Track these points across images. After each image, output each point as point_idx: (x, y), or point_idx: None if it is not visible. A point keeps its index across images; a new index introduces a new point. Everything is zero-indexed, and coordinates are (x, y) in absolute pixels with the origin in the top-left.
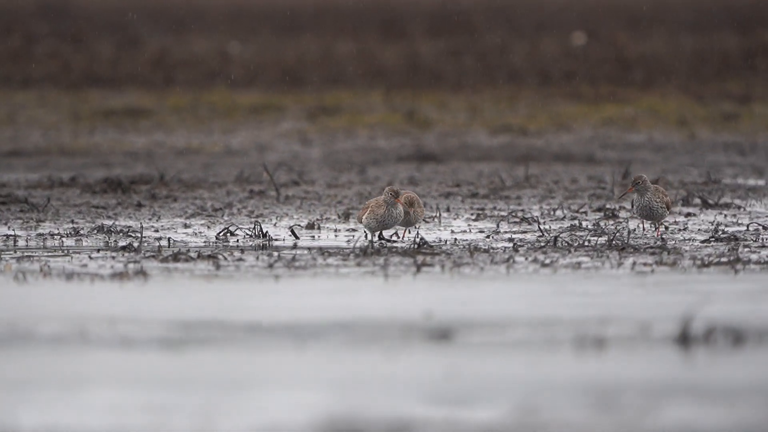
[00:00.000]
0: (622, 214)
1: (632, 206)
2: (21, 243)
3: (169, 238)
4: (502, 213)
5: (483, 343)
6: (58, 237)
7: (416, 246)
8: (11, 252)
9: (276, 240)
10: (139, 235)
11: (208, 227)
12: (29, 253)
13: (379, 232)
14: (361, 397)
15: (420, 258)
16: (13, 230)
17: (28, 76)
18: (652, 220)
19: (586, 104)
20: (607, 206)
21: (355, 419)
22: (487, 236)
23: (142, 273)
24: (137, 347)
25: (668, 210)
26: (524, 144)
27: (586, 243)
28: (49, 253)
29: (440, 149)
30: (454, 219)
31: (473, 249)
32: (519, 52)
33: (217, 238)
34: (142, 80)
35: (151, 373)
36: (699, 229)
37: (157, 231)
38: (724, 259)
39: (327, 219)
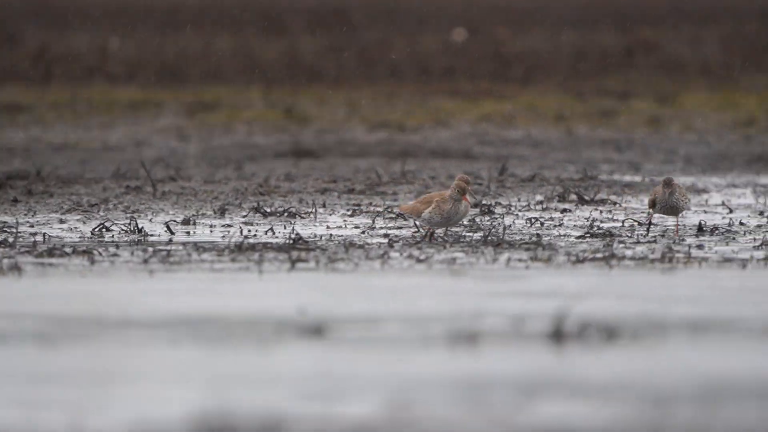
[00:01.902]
0: (498, 209)
1: (653, 206)
2: None
3: (44, 234)
4: (378, 209)
5: (356, 339)
6: None
7: (291, 241)
8: None
9: (152, 235)
10: (14, 230)
11: (84, 223)
12: None
13: (437, 228)
14: (234, 393)
15: (295, 254)
16: None
17: None
18: (675, 215)
19: (465, 100)
20: (483, 201)
21: (228, 414)
22: (363, 232)
23: (16, 268)
24: (10, 342)
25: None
26: (402, 140)
27: (462, 239)
28: None
29: (318, 145)
30: (330, 215)
31: (348, 245)
32: (398, 49)
33: (92, 234)
34: (21, 76)
35: (23, 368)
36: (575, 225)
37: (32, 226)
38: (599, 255)
39: (203, 215)
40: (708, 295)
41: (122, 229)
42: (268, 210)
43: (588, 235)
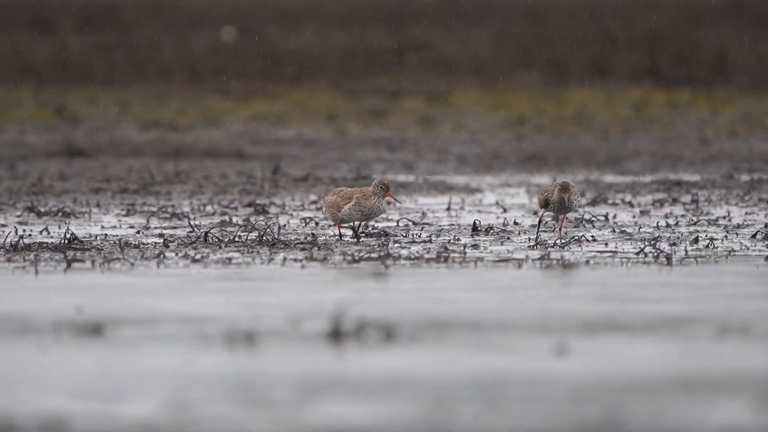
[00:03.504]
0: (272, 209)
1: (547, 205)
2: None
3: None
4: (153, 208)
5: (135, 339)
6: None
7: (67, 241)
8: None
9: None
10: None
11: None
12: None
13: (353, 223)
14: (13, 393)
15: (71, 253)
16: None
17: None
18: (569, 212)
19: (236, 100)
20: (257, 202)
21: (7, 415)
22: (138, 232)
23: None
24: None
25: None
26: (174, 139)
27: (237, 239)
28: None
29: (90, 145)
30: (105, 214)
31: (124, 244)
32: (169, 48)
33: None
34: None
35: None
36: (350, 225)
37: None
38: (374, 255)
39: None
40: (486, 295)
41: None
42: (43, 210)
43: (363, 234)
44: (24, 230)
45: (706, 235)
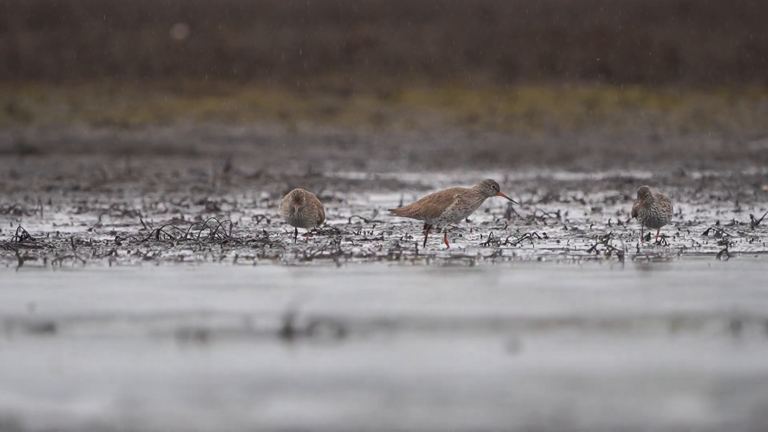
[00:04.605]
0: (224, 207)
1: (636, 216)
2: None
3: None
4: (105, 206)
5: (87, 336)
6: None
7: (18, 239)
8: None
9: None
10: None
11: None
12: None
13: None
14: None
15: (23, 251)
16: None
17: None
18: (658, 227)
19: (187, 98)
20: (209, 199)
21: None
22: (90, 229)
23: None
24: None
25: (671, 214)
26: (126, 137)
27: (189, 236)
28: None
29: (42, 143)
30: (57, 212)
31: (76, 242)
32: (120, 45)
33: None
34: None
35: None
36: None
37: None
38: (326, 252)
39: None
40: (435, 293)
41: None
42: None
43: (315, 232)
44: None
45: (658, 232)
